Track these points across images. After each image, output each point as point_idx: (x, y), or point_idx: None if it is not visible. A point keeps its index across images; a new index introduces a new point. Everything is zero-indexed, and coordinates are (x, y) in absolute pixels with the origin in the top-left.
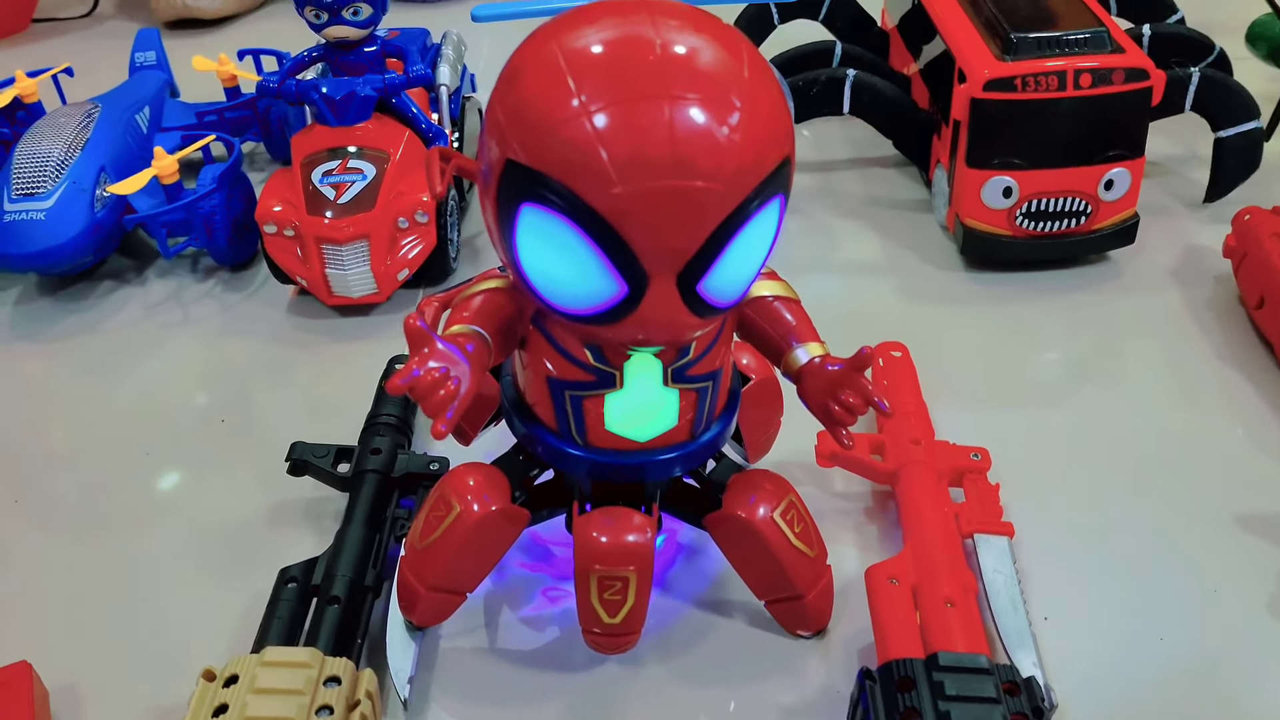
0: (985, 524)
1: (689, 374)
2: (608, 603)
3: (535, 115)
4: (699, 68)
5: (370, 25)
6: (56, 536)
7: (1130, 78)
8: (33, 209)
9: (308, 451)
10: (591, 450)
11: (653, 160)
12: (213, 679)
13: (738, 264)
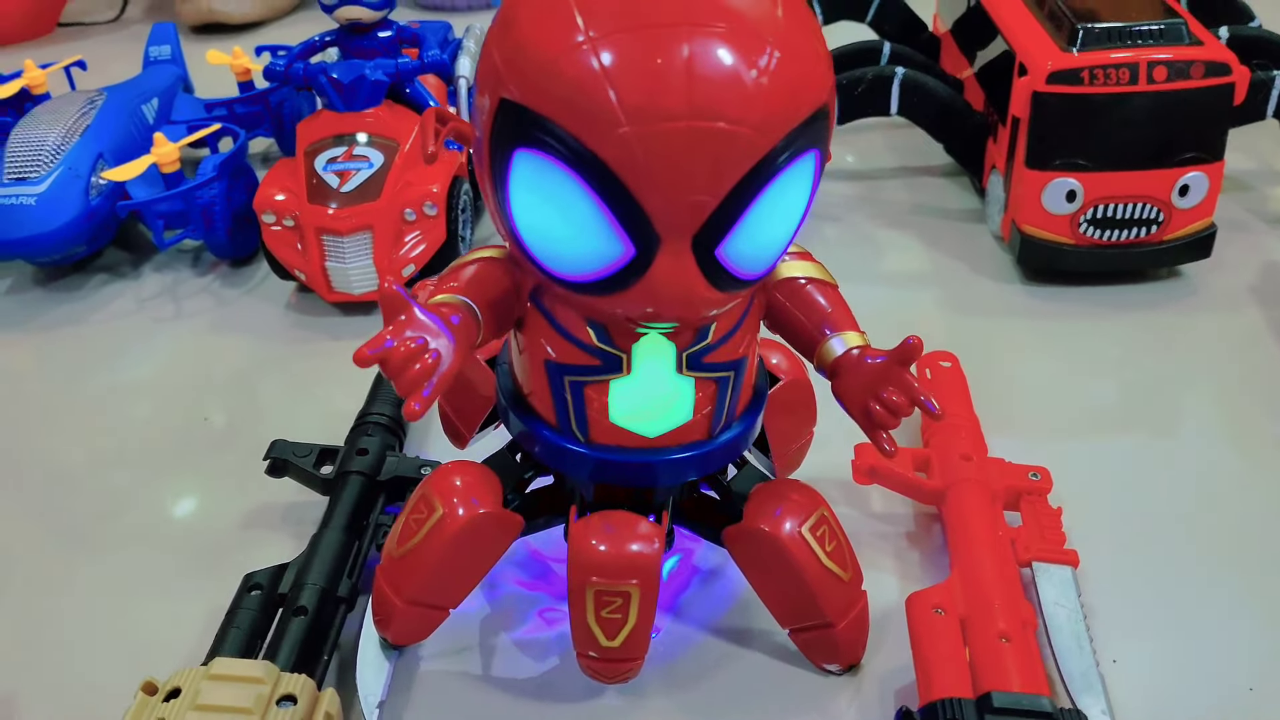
0: (1046, 551)
1: (706, 361)
2: (605, 622)
3: (533, 48)
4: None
5: (384, 8)
6: (11, 533)
7: (1210, 72)
8: (24, 193)
9: (288, 450)
10: (594, 447)
11: (667, 96)
12: (153, 693)
13: (764, 227)
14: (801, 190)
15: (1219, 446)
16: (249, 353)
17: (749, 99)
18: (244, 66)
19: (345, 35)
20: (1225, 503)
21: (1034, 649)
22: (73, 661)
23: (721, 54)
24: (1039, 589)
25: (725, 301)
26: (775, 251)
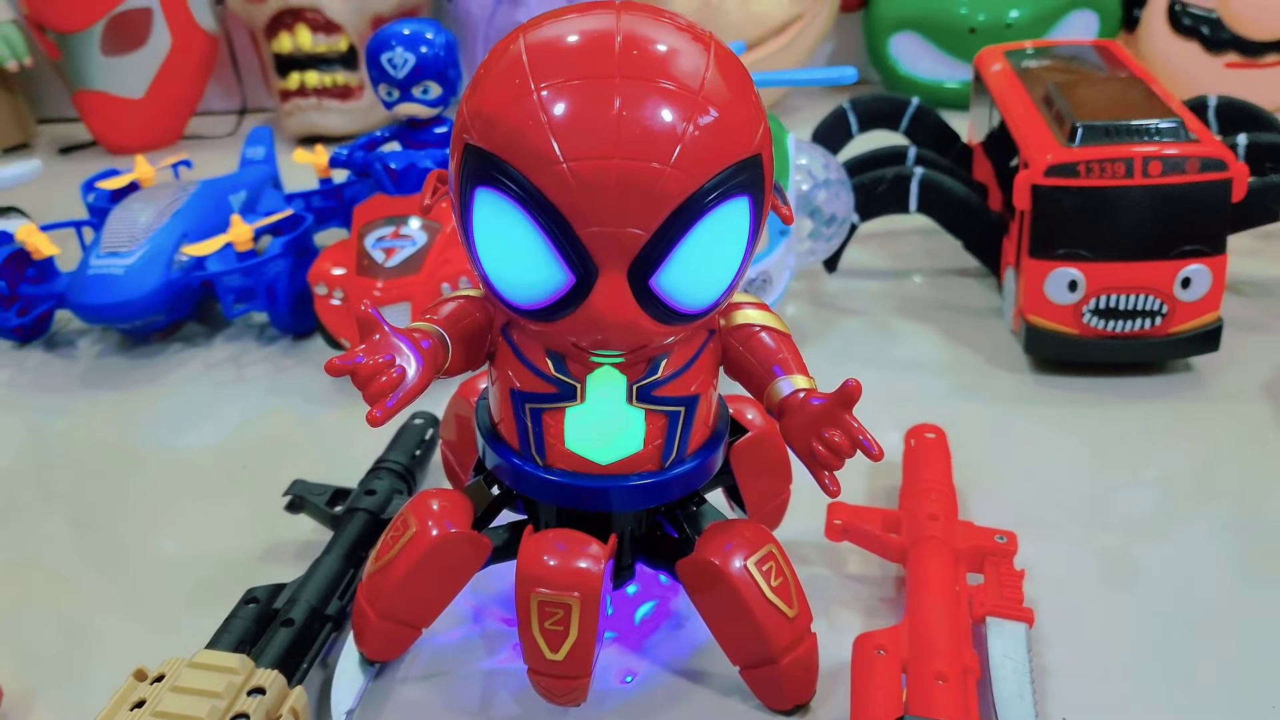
0: (1000, 608)
1: (656, 394)
2: (549, 634)
3: (491, 98)
4: (658, 54)
5: (440, 105)
6: (56, 553)
7: (1206, 168)
8: (114, 265)
9: (306, 489)
10: (551, 471)
11: (599, 135)
12: (143, 678)
13: (697, 263)
14: (734, 232)
15: (1208, 542)
16: (296, 413)
17: (674, 143)
18: (323, 164)
19: (404, 129)
20: (1207, 601)
21: (971, 694)
22: (94, 663)
23: (650, 102)
24: (989, 642)
25: (665, 333)
26: (713, 289)
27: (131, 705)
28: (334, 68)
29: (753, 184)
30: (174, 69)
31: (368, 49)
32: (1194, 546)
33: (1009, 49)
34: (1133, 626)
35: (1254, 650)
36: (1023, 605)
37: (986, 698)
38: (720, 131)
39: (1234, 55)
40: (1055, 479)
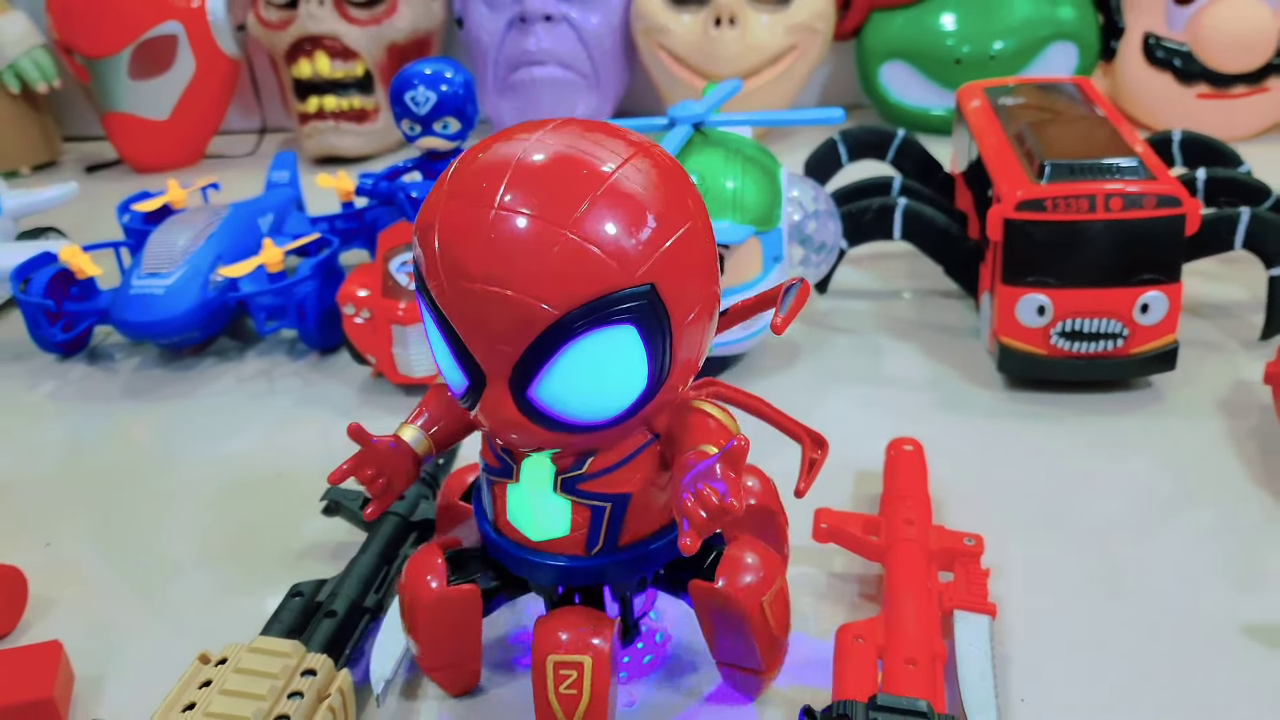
0: (967, 602)
1: (580, 488)
2: (563, 699)
3: (421, 217)
4: (543, 181)
5: (458, 139)
6: (113, 553)
7: (1162, 204)
8: (154, 285)
9: (341, 494)
10: (497, 534)
11: (468, 264)
12: (207, 661)
13: (574, 381)
14: (619, 356)
15: (1165, 545)
16: (324, 423)
17: (534, 272)
18: (346, 189)
19: (425, 161)
20: (1166, 573)
21: (939, 677)
22: (156, 651)
23: (518, 235)
24: (956, 632)
25: (557, 439)
26: (604, 405)
27: (198, 685)
28: (350, 92)
29: (637, 313)
30: (197, 92)
31: (392, 87)
32: (1151, 548)
33: (988, 85)
34: (1089, 621)
35: (1205, 642)
36: (987, 600)
37: (953, 681)
38: (588, 263)
39: (1204, 86)
40: (1025, 486)
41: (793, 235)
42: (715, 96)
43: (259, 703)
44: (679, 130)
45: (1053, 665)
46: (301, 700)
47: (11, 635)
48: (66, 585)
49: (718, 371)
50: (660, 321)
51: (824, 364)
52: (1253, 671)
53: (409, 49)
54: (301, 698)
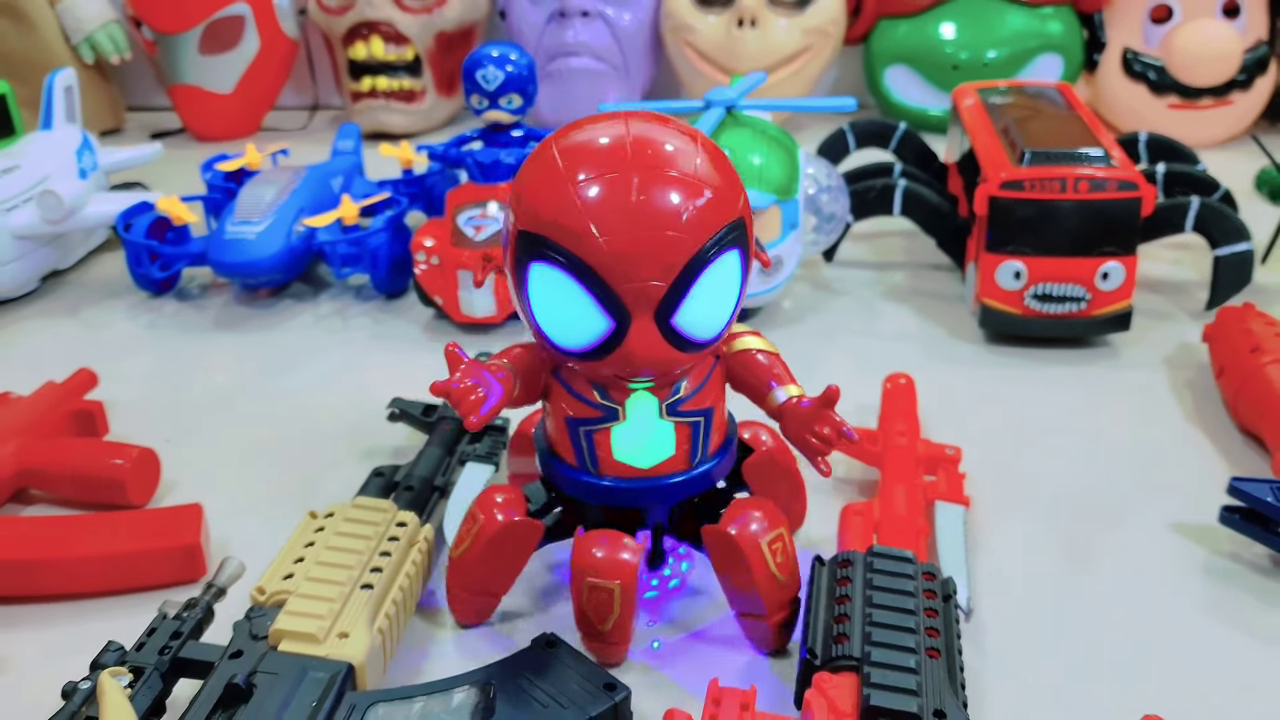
0: (946, 495)
1: (682, 409)
2: (597, 611)
3: (535, 192)
4: (660, 150)
5: (519, 114)
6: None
7: (1122, 188)
8: (246, 231)
9: (404, 405)
10: (604, 478)
11: (621, 215)
12: (315, 517)
13: (706, 302)
14: (730, 278)
15: (1109, 456)
16: (394, 356)
17: (679, 215)
18: (407, 157)
19: (488, 132)
20: (1110, 485)
21: (921, 544)
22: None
23: (659, 186)
24: (936, 517)
25: (687, 360)
26: (720, 322)
27: (314, 530)
28: (401, 74)
29: (740, 240)
30: (259, 69)
31: (464, 65)
32: (1100, 466)
33: (981, 86)
34: (1043, 518)
35: (1131, 524)
36: (963, 495)
37: (933, 550)
38: (712, 204)
39: (1175, 98)
40: (999, 419)
41: (808, 206)
42: (744, 85)
43: (366, 541)
44: (714, 111)
45: (1012, 544)
46: (397, 544)
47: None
48: (188, 470)
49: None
50: (748, 247)
51: (828, 321)
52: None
53: (456, 38)
54: (397, 541)
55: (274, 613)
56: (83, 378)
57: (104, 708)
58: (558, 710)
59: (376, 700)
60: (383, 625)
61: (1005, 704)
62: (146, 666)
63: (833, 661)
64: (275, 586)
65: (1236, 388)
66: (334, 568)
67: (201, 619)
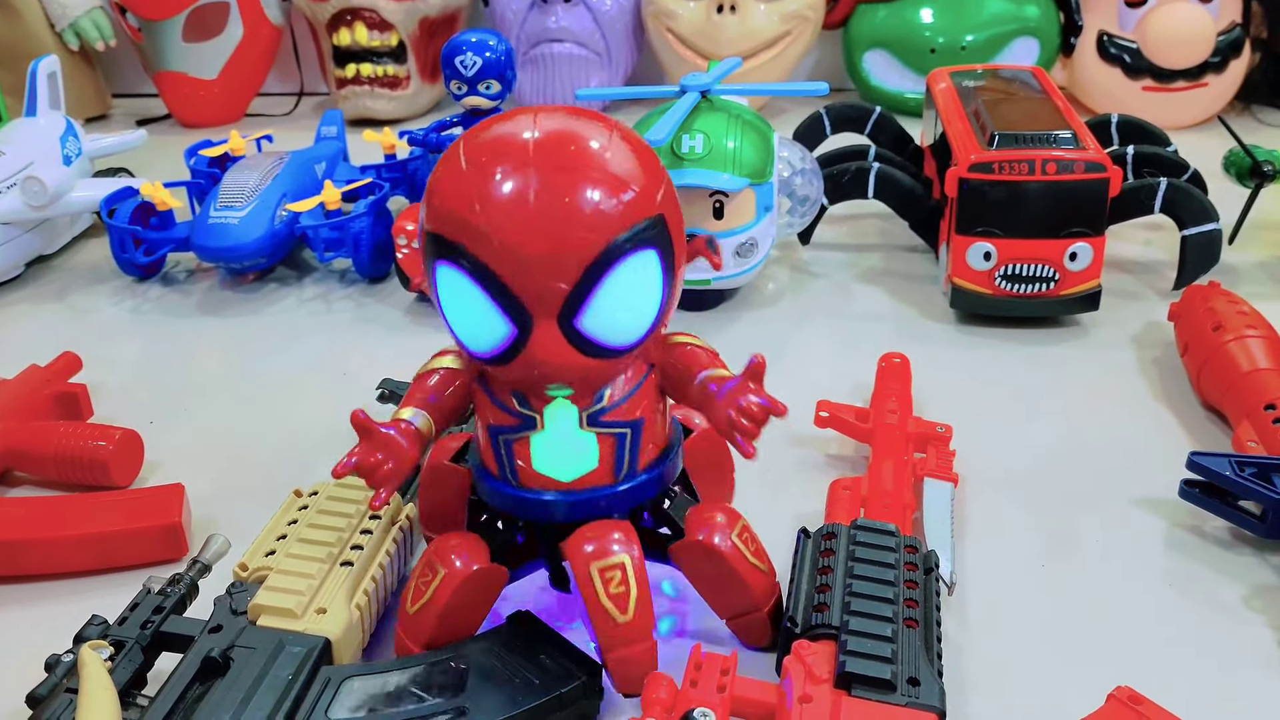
0: (935, 471)
1: (604, 419)
2: (614, 597)
3: (440, 191)
4: (563, 144)
5: (498, 99)
6: (206, 432)
7: (1090, 169)
8: (230, 216)
9: (393, 385)
10: (523, 489)
11: (518, 214)
12: (300, 495)
13: (616, 306)
14: (646, 279)
15: (1078, 433)
16: (377, 339)
17: (580, 211)
18: (390, 143)
19: (468, 117)
20: (1078, 462)
21: (907, 519)
22: (250, 498)
23: (558, 181)
24: (925, 493)
25: (601, 367)
26: (634, 327)
27: (298, 509)
28: (385, 60)
29: (657, 239)
30: (244, 55)
31: (443, 51)
32: (1070, 443)
33: (955, 70)
34: (1012, 494)
35: (1099, 499)
36: (951, 472)
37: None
38: (619, 200)
39: (1149, 80)
40: (970, 400)
41: (782, 189)
42: (720, 70)
43: (348, 519)
44: (689, 96)
45: (986, 519)
46: (379, 522)
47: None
48: (172, 452)
49: (714, 306)
50: (669, 246)
51: (803, 303)
52: (1133, 524)
53: (439, 24)
54: (378, 519)
55: (255, 588)
56: (67, 361)
57: (84, 679)
58: (529, 685)
59: (351, 674)
60: (361, 602)
61: (984, 674)
62: (128, 640)
63: (812, 630)
64: (257, 563)
65: (1200, 365)
66: (315, 545)
67: (185, 594)
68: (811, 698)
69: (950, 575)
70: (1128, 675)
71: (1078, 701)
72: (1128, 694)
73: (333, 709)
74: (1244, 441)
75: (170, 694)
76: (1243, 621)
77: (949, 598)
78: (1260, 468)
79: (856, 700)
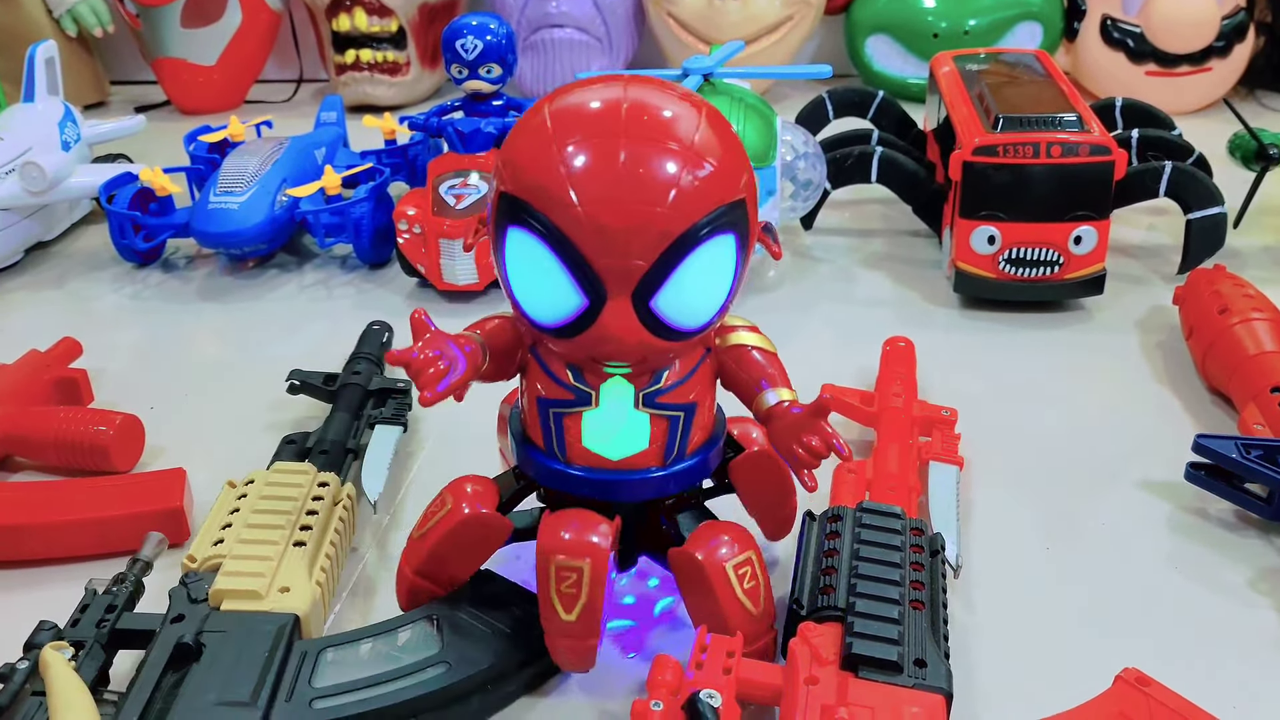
0: (940, 455)
1: (660, 401)
2: (564, 596)
3: (521, 154)
4: (656, 118)
5: (499, 83)
6: (208, 418)
7: (1094, 152)
8: (230, 201)
9: (304, 375)
10: (571, 465)
11: (605, 184)
12: (234, 485)
13: (691, 288)
14: (722, 262)
15: (1083, 417)
16: None
17: (668, 189)
18: (391, 128)
19: (469, 101)
20: (1083, 445)
21: (913, 502)
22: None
23: (649, 156)
24: (930, 476)
25: (665, 348)
26: (705, 310)
27: (236, 498)
28: (385, 46)
29: (737, 223)
30: (242, 41)
31: (444, 35)
32: (1073, 425)
33: (958, 54)
34: (1018, 478)
35: (1102, 479)
36: (956, 455)
37: (925, 510)
38: (708, 180)
39: (1153, 65)
40: (974, 385)
41: (785, 173)
42: (722, 53)
43: (293, 503)
44: (691, 80)
45: (993, 503)
46: (322, 503)
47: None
48: (173, 438)
49: None
50: (747, 232)
51: (807, 288)
52: (1139, 508)
53: (439, 9)
54: (321, 500)
55: (210, 577)
56: (66, 346)
57: (51, 680)
58: (504, 636)
59: (325, 645)
60: (320, 578)
61: (990, 656)
62: (86, 640)
63: (818, 612)
64: (206, 553)
65: (1205, 348)
66: (265, 529)
67: (133, 592)
68: (818, 679)
69: (956, 558)
70: (1133, 657)
71: (1084, 683)
72: (1135, 676)
73: (315, 679)
74: (1250, 424)
75: (145, 684)
76: (1249, 604)
77: (954, 581)
78: (1266, 450)
79: (863, 682)
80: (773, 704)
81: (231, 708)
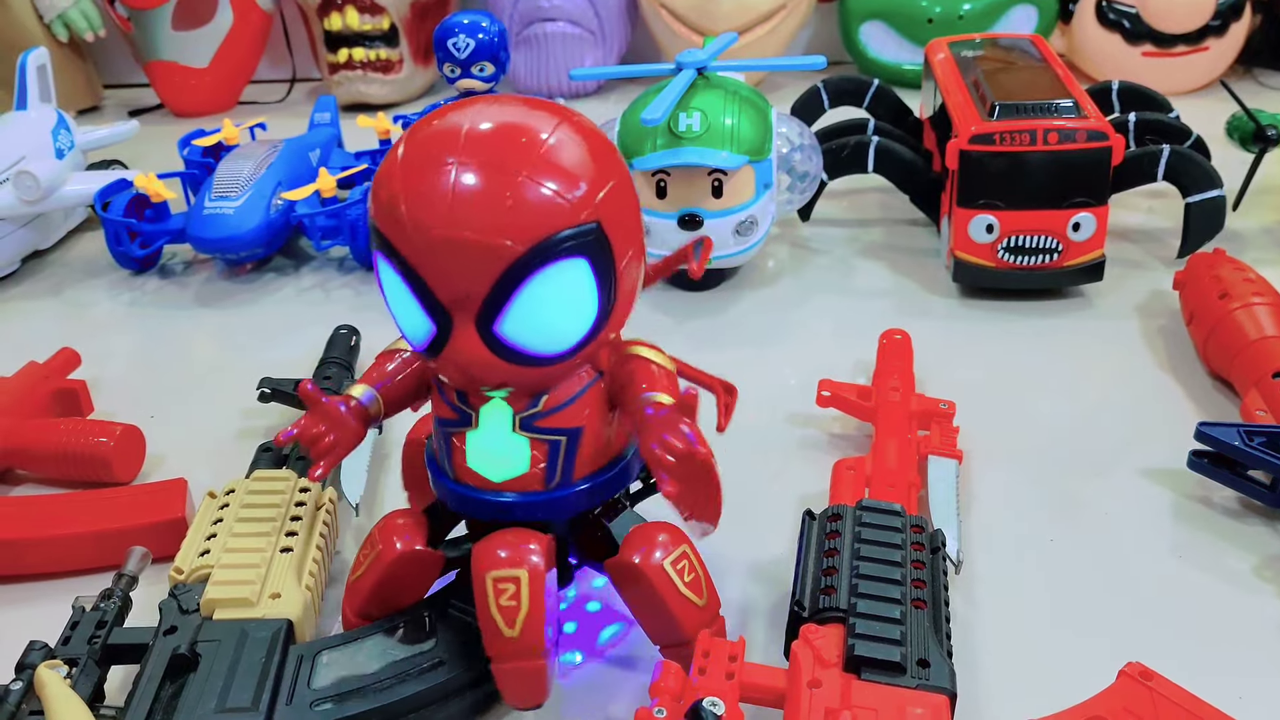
0: (939, 449)
1: (538, 425)
2: (504, 610)
3: (377, 181)
4: (495, 141)
5: (492, 81)
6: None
7: (1092, 138)
8: (225, 206)
9: (274, 383)
10: (457, 484)
11: (437, 210)
12: (215, 496)
13: (540, 314)
14: (576, 289)
15: (1085, 405)
16: (376, 327)
17: (497, 214)
18: (384, 127)
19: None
20: (1084, 434)
21: (913, 498)
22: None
23: (477, 181)
24: (929, 470)
25: (524, 374)
26: (564, 337)
27: (218, 509)
28: (377, 44)
29: (591, 248)
30: (234, 42)
31: (435, 34)
32: (1075, 414)
33: (953, 40)
34: (1020, 468)
35: (1103, 468)
36: (956, 448)
37: (925, 505)
38: (547, 203)
39: (1149, 45)
40: (975, 374)
41: (781, 165)
42: (716, 46)
43: (276, 510)
44: (685, 74)
45: (995, 495)
46: (305, 508)
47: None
48: (173, 446)
49: (715, 285)
50: (606, 256)
51: (804, 280)
52: (1142, 496)
53: (431, 6)
54: (303, 506)
55: (199, 587)
56: (65, 357)
57: (49, 699)
58: None
59: (321, 648)
60: (309, 583)
61: (994, 652)
62: (79, 657)
63: (820, 613)
64: (193, 564)
65: (1206, 333)
66: (251, 537)
67: (121, 607)
68: (821, 682)
69: (957, 554)
70: (1138, 649)
71: (1089, 677)
72: (1139, 670)
73: (314, 681)
74: (1252, 410)
75: (144, 696)
76: (1253, 591)
77: (956, 576)
78: (1269, 437)
79: (866, 684)
80: (776, 707)
81: (234, 714)
